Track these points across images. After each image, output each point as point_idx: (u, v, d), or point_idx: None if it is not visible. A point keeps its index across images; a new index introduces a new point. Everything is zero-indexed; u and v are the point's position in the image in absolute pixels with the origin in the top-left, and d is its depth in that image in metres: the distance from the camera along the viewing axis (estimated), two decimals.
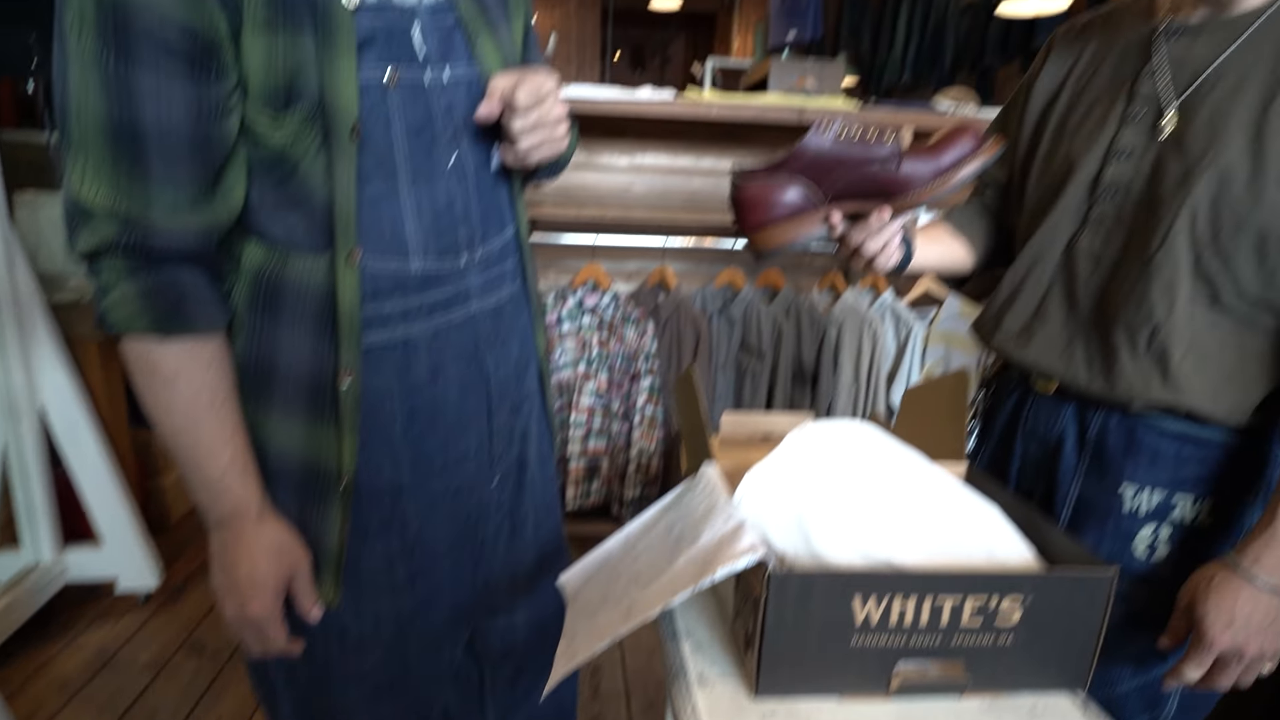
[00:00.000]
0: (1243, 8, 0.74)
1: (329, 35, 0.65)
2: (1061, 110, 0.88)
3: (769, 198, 0.83)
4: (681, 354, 2.18)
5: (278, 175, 0.68)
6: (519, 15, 0.86)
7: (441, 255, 0.76)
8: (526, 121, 0.73)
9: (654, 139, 2.31)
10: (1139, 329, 0.77)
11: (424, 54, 0.72)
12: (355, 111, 0.67)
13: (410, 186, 0.73)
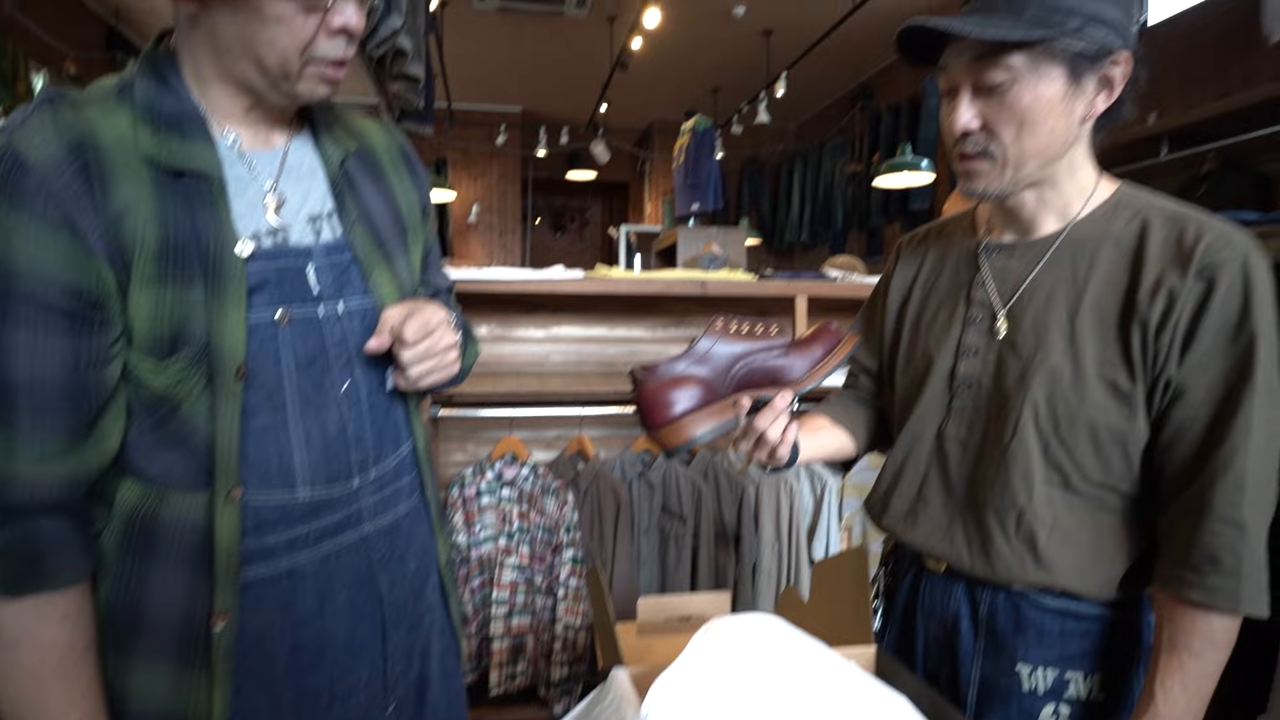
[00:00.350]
0: (1041, 233, 0.87)
1: (219, 284, 0.68)
2: (915, 309, 0.98)
3: (669, 395, 0.84)
4: (603, 522, 2.16)
5: (159, 416, 0.68)
6: (418, 243, 0.90)
7: (331, 481, 0.76)
8: (415, 353, 0.76)
9: (568, 311, 2.42)
10: (1007, 513, 0.83)
11: (319, 290, 0.76)
12: (241, 354, 0.68)
13: (300, 417, 0.74)
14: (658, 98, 7.25)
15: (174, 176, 0.68)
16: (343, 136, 0.84)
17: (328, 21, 0.68)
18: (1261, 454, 0.73)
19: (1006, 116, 0.78)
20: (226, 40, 0.68)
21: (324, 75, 0.72)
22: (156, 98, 0.69)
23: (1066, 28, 0.74)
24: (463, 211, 7.66)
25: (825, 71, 6.29)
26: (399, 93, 2.63)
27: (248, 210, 0.73)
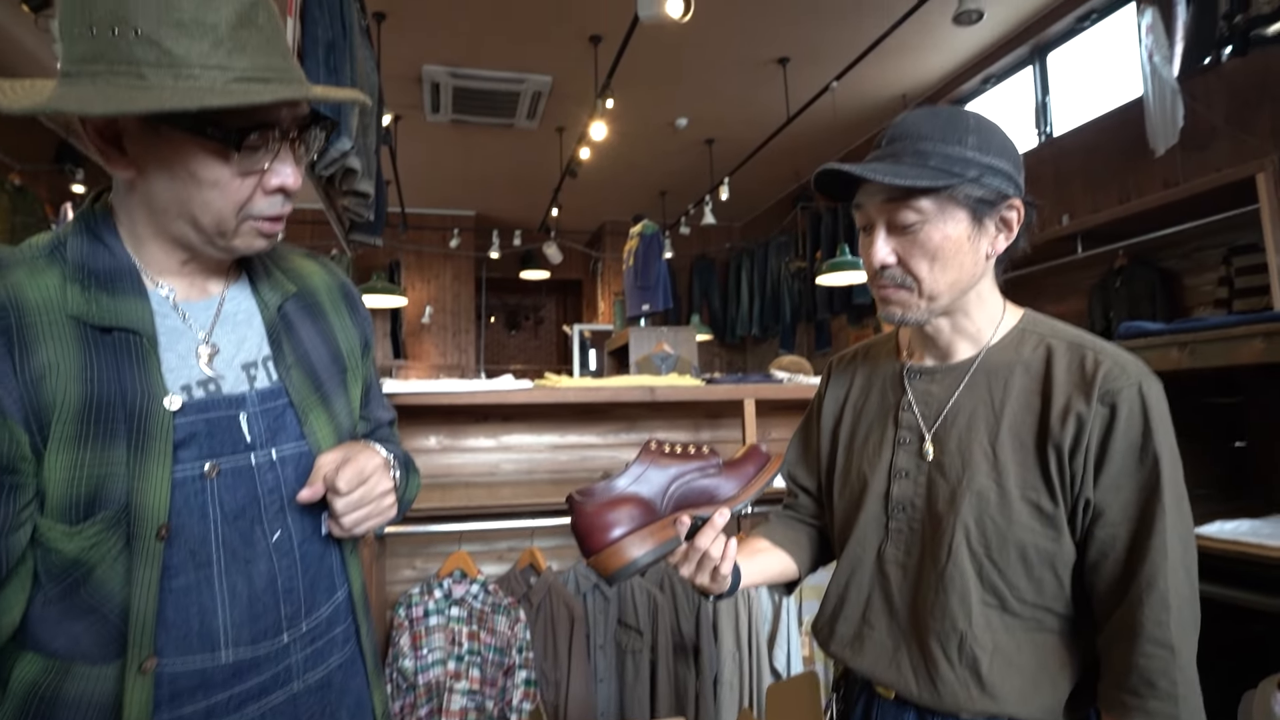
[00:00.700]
0: (958, 358, 0.91)
1: (144, 441, 0.66)
2: (848, 429, 1.01)
3: (607, 517, 0.82)
4: (556, 639, 2.08)
5: (68, 583, 0.64)
6: (357, 381, 0.89)
7: (258, 640, 0.72)
8: (349, 501, 0.74)
9: (518, 420, 2.40)
10: (949, 638, 0.83)
11: (251, 439, 0.74)
12: (164, 514, 0.66)
13: (225, 572, 0.70)
14: (608, 201, 7.54)
15: (102, 332, 0.67)
16: (281, 280, 0.84)
17: (264, 182, 0.70)
18: (1180, 572, 0.75)
19: (920, 253, 0.83)
20: (163, 202, 0.69)
21: (261, 230, 0.73)
22: (89, 255, 0.69)
23: (966, 176, 0.80)
24: (416, 313, 7.68)
25: (766, 175, 6.65)
26: (348, 206, 2.69)
27: (179, 362, 0.72)
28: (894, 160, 0.83)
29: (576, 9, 4.16)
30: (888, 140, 0.86)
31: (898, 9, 3.77)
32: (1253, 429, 1.46)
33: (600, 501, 0.83)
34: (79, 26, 0.62)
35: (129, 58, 0.61)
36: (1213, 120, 3.34)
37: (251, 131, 0.66)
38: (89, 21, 0.62)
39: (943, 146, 0.82)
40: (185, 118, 0.64)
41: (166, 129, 0.65)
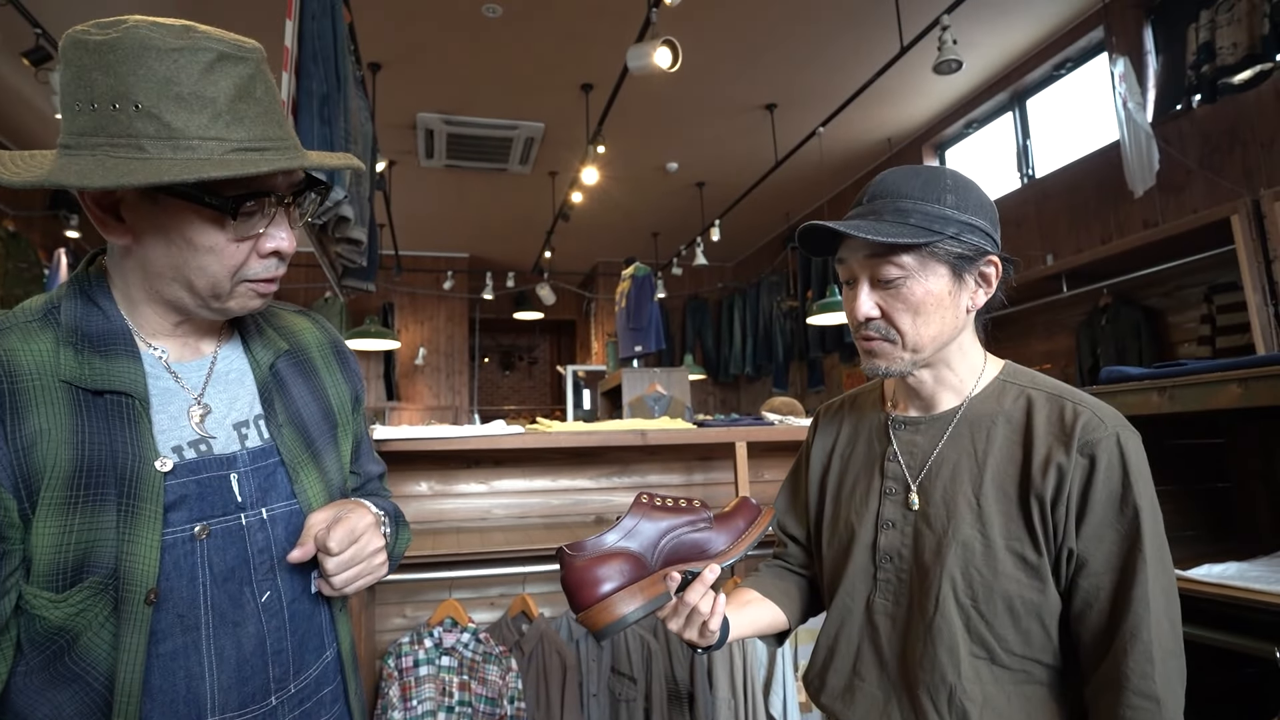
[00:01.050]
0: (941, 408, 0.93)
1: (134, 504, 0.65)
2: (835, 480, 1.02)
3: (596, 572, 0.82)
4: (549, 688, 2.04)
5: (52, 650, 0.63)
6: (348, 436, 0.90)
7: (245, 705, 0.71)
8: (340, 561, 0.74)
9: (510, 464, 2.40)
10: (938, 691, 0.83)
11: (242, 499, 0.74)
12: (153, 578, 0.65)
13: (214, 636, 0.69)
14: (600, 242, 7.63)
15: (94, 395, 0.67)
16: (273, 338, 0.85)
17: (259, 246, 0.71)
18: (1164, 624, 0.76)
19: (903, 307, 0.85)
20: (158, 267, 0.70)
21: (257, 291, 0.74)
22: (83, 318, 0.70)
23: (946, 234, 0.83)
24: (409, 355, 7.69)
25: (756, 216, 6.76)
26: (341, 253, 2.72)
27: (171, 423, 0.72)
28: (875, 218, 0.85)
29: (568, 59, 4.28)
30: (869, 198, 0.88)
31: (880, 58, 3.89)
32: (1234, 470, 1.48)
33: (590, 556, 0.83)
34: (80, 102, 0.64)
35: (129, 131, 0.63)
36: (1187, 164, 3.43)
37: (248, 199, 0.68)
38: (90, 98, 0.63)
39: (922, 204, 0.84)
40: (183, 187, 0.65)
41: (164, 198, 0.67)
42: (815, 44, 4.19)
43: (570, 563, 0.83)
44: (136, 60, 0.63)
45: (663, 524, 0.86)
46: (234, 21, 3.85)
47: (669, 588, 0.84)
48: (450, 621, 2.08)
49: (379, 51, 4.13)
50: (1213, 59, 2.93)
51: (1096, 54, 4.11)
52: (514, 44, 4.12)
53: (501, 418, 2.45)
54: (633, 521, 0.85)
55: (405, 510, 2.30)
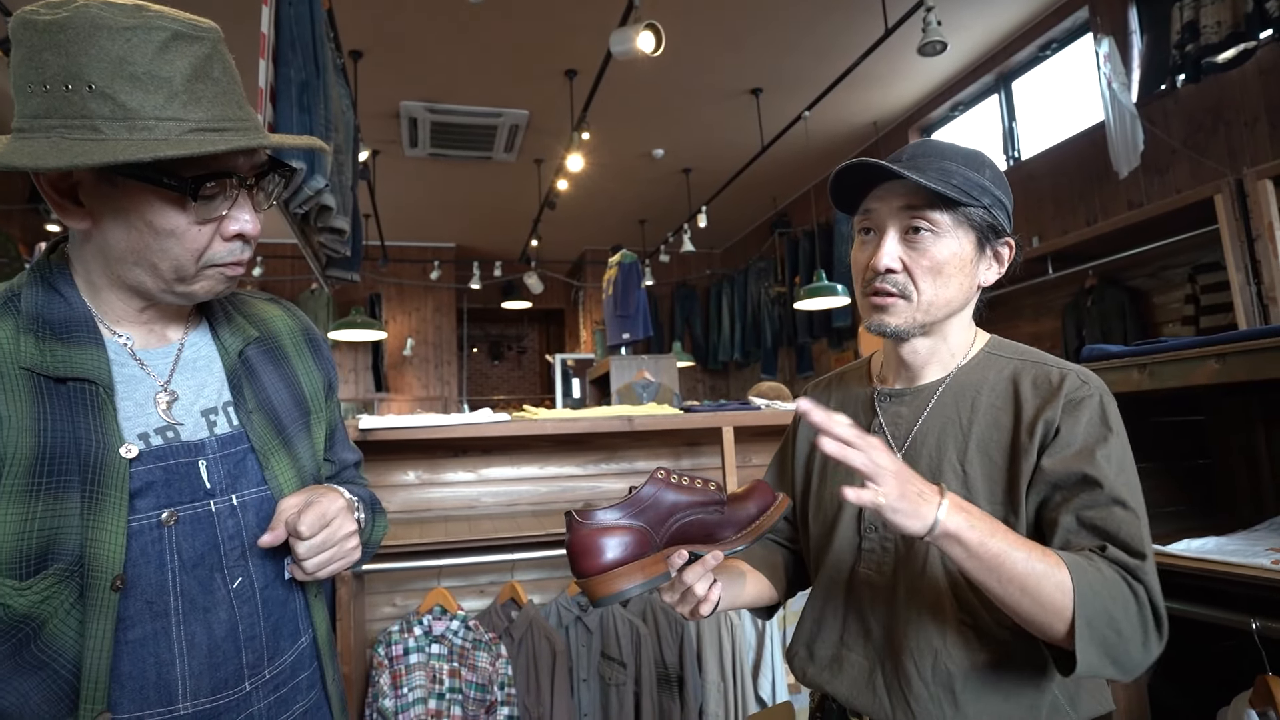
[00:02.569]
0: (926, 380, 0.93)
1: (98, 491, 0.64)
2: (821, 455, 1.02)
3: (601, 543, 0.82)
4: (539, 674, 2.05)
5: (17, 639, 0.62)
6: (321, 423, 0.89)
7: (218, 691, 0.70)
8: (312, 545, 0.74)
9: (497, 452, 2.40)
10: (923, 655, 0.83)
11: (211, 485, 0.73)
12: (119, 564, 0.64)
13: (184, 622, 0.69)
14: (588, 231, 7.60)
15: (57, 383, 0.66)
16: (243, 325, 0.84)
17: (222, 229, 0.70)
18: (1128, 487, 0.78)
19: (927, 264, 0.85)
20: (119, 251, 0.69)
21: (223, 274, 0.73)
22: (44, 305, 0.69)
23: (982, 202, 0.85)
24: (397, 346, 7.65)
25: (743, 202, 6.75)
26: (325, 243, 2.69)
27: (137, 410, 0.71)
28: (918, 171, 0.84)
29: (552, 45, 4.24)
30: (909, 156, 0.88)
31: (865, 40, 3.88)
32: (1214, 447, 1.49)
33: (598, 526, 0.83)
34: (32, 84, 0.63)
35: (83, 112, 0.62)
36: (1171, 144, 3.45)
37: (208, 180, 0.67)
38: (42, 79, 0.62)
39: (965, 170, 0.85)
40: (141, 168, 0.64)
41: (122, 180, 0.65)
42: (800, 27, 4.17)
43: (577, 529, 0.83)
44: (88, 40, 0.62)
45: (674, 502, 0.85)
46: (209, 6, 3.79)
47: (671, 567, 0.85)
48: (439, 609, 2.08)
49: (360, 39, 4.08)
50: (1197, 38, 2.93)
51: (1081, 34, 4.11)
52: (497, 30, 4.08)
53: (491, 407, 2.45)
54: (646, 496, 0.85)
55: (393, 499, 2.30)
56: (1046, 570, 0.71)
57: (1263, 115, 3.11)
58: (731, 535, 0.87)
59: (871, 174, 0.87)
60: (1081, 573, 0.72)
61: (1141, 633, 0.73)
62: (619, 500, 0.86)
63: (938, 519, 0.70)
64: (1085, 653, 0.70)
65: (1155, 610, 0.74)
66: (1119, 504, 0.77)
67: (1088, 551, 0.76)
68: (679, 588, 0.86)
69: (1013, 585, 0.71)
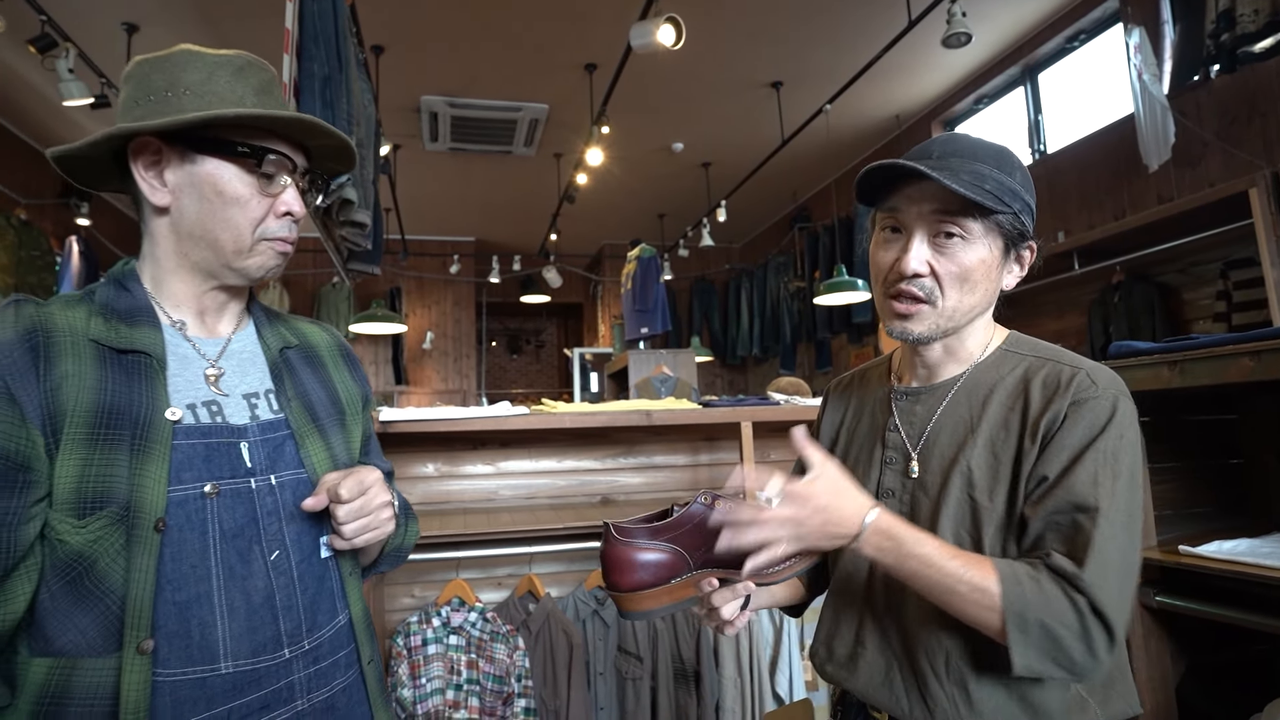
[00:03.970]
0: (942, 378, 0.92)
1: (145, 444, 0.74)
2: (841, 454, 1.01)
3: (637, 560, 0.83)
4: (555, 667, 2.06)
5: (73, 575, 0.71)
6: (357, 426, 0.97)
7: (256, 654, 0.76)
8: (350, 509, 0.81)
9: (516, 445, 2.40)
10: (936, 654, 0.83)
11: (252, 465, 0.81)
12: (161, 509, 0.73)
13: (224, 587, 0.76)
14: (607, 225, 7.59)
15: (119, 353, 0.77)
16: (284, 333, 0.94)
17: (275, 206, 0.83)
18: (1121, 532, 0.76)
19: (955, 270, 0.84)
20: (189, 224, 0.81)
21: (275, 249, 0.85)
22: (114, 298, 0.81)
23: (1013, 208, 0.83)
24: (417, 339, 7.71)
25: (763, 196, 6.71)
26: (346, 236, 2.71)
27: (186, 384, 0.81)
28: (951, 175, 0.81)
29: (571, 39, 4.23)
30: (939, 154, 0.85)
31: (887, 33, 3.83)
32: (1247, 446, 1.45)
33: (635, 546, 0.84)
34: (139, 101, 0.80)
35: (178, 107, 0.79)
36: (1204, 136, 3.37)
37: (270, 153, 0.82)
38: (147, 93, 0.80)
39: (997, 174, 0.83)
40: (217, 143, 0.80)
41: (202, 157, 0.80)
42: (821, 20, 4.12)
43: (614, 544, 0.84)
44: (185, 64, 0.81)
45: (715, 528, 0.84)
46: (236, 4, 3.84)
47: (699, 592, 0.85)
48: (458, 601, 2.09)
49: (381, 34, 4.10)
50: (1232, 27, 2.85)
51: (1111, 25, 4.02)
52: (517, 24, 4.08)
53: (509, 400, 2.45)
54: (686, 520, 0.84)
55: (412, 492, 2.32)
56: (971, 586, 0.75)
57: None
58: (769, 570, 0.85)
59: (902, 173, 0.84)
60: (1014, 585, 0.74)
61: (1082, 641, 0.73)
62: (658, 519, 0.85)
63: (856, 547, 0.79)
64: (1020, 656, 0.73)
65: (1100, 617, 0.72)
66: (1081, 509, 0.75)
67: (1032, 560, 0.77)
68: (705, 606, 0.87)
69: (935, 597, 0.77)
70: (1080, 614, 0.72)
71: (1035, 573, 0.75)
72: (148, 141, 0.79)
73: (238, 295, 0.89)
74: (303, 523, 0.84)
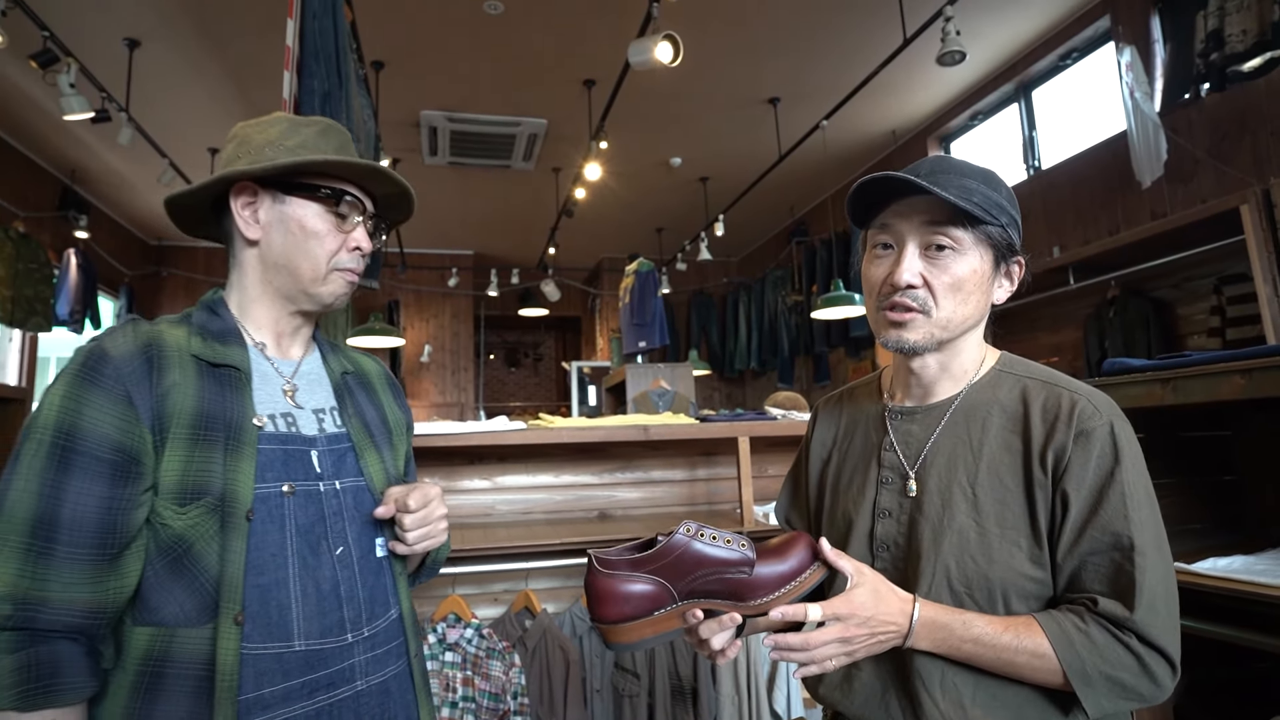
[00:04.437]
0: (938, 398, 0.92)
1: (237, 446, 0.86)
2: (834, 471, 1.01)
3: (623, 592, 0.83)
4: (552, 684, 2.04)
5: (174, 555, 0.82)
6: (401, 446, 1.10)
7: (325, 635, 0.87)
8: (416, 518, 0.94)
9: (513, 460, 2.40)
10: (931, 676, 0.82)
11: (320, 470, 0.94)
12: (249, 502, 0.84)
13: (299, 574, 0.87)
14: (605, 238, 7.62)
15: (213, 367, 0.90)
16: (344, 360, 1.08)
17: (348, 240, 0.97)
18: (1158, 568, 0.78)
19: (948, 280, 0.86)
20: (275, 254, 0.95)
21: (345, 278, 0.98)
22: (208, 321, 0.95)
23: (1000, 221, 0.86)
24: (415, 352, 7.70)
25: (761, 210, 6.74)
26: None
27: (268, 398, 0.94)
28: (941, 188, 0.83)
29: (570, 55, 4.27)
30: (928, 171, 0.87)
31: (883, 50, 3.87)
32: (1242, 462, 1.46)
33: (618, 577, 0.83)
34: (242, 156, 0.95)
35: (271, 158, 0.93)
36: (1195, 153, 3.40)
37: (346, 196, 0.96)
38: (249, 150, 0.95)
39: (984, 189, 0.86)
40: (305, 187, 0.95)
41: (290, 198, 0.95)
42: (817, 37, 4.17)
43: (596, 576, 0.84)
44: (280, 125, 0.97)
45: (700, 559, 0.84)
46: (241, 22, 3.87)
47: (687, 623, 0.84)
48: (454, 617, 2.08)
49: (382, 50, 4.13)
50: (1222, 46, 2.89)
51: (1103, 43, 4.07)
52: (516, 40, 4.11)
53: (507, 414, 2.45)
54: (669, 551, 0.83)
55: None
56: (1030, 655, 0.77)
57: None
58: (756, 599, 0.84)
59: (893, 187, 0.86)
60: (1066, 645, 0.76)
61: (1145, 677, 0.76)
62: (643, 548, 0.85)
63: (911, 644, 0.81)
64: (1093, 707, 0.76)
65: (1157, 649, 0.76)
66: (1116, 548, 0.77)
67: (1077, 608, 0.79)
68: (695, 638, 0.86)
69: (996, 670, 0.80)
70: (1136, 655, 0.75)
71: (1083, 624, 0.77)
72: (246, 185, 0.94)
73: (308, 322, 1.02)
74: (362, 524, 0.95)
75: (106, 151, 5.19)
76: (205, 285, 7.19)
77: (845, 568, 0.83)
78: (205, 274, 7.26)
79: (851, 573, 0.82)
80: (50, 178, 5.48)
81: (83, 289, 5.40)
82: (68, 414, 0.80)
